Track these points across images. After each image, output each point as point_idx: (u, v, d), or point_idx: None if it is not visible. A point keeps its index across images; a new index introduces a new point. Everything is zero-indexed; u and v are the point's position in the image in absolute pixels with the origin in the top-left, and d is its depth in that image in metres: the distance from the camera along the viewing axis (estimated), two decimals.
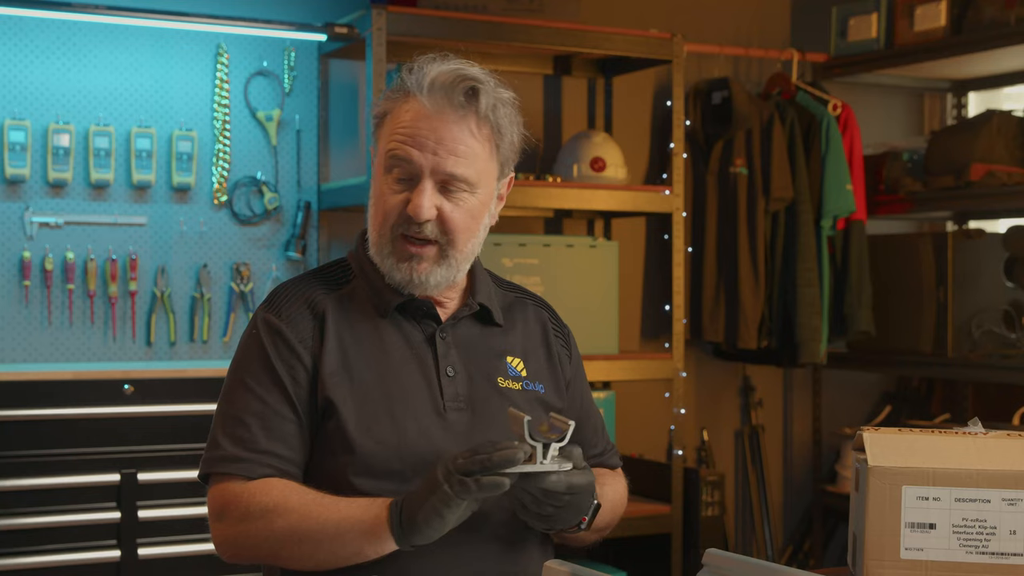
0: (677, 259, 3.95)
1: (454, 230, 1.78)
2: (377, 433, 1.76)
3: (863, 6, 4.46)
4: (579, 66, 4.21)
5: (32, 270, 3.50)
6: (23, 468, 3.11)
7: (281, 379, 1.78)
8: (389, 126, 1.80)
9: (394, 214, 1.78)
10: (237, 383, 1.80)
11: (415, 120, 1.76)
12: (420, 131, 1.75)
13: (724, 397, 4.60)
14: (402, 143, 1.76)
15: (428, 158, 1.75)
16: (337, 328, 1.81)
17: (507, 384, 1.87)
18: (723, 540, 4.06)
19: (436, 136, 1.75)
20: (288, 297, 1.85)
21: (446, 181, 1.77)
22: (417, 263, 1.79)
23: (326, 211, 3.81)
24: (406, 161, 1.76)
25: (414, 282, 1.80)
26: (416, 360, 1.83)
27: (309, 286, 1.86)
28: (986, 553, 1.67)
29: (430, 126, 1.75)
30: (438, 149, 1.75)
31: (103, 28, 3.58)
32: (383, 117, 1.82)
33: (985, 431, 1.75)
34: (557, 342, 1.99)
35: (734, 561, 1.62)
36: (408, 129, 1.76)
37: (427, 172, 1.75)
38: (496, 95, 1.80)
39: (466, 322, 1.89)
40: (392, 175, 1.78)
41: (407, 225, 1.77)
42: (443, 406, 1.81)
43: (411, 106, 1.77)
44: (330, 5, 3.81)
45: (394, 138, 1.77)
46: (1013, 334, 4.18)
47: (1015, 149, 4.23)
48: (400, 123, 1.77)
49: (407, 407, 1.79)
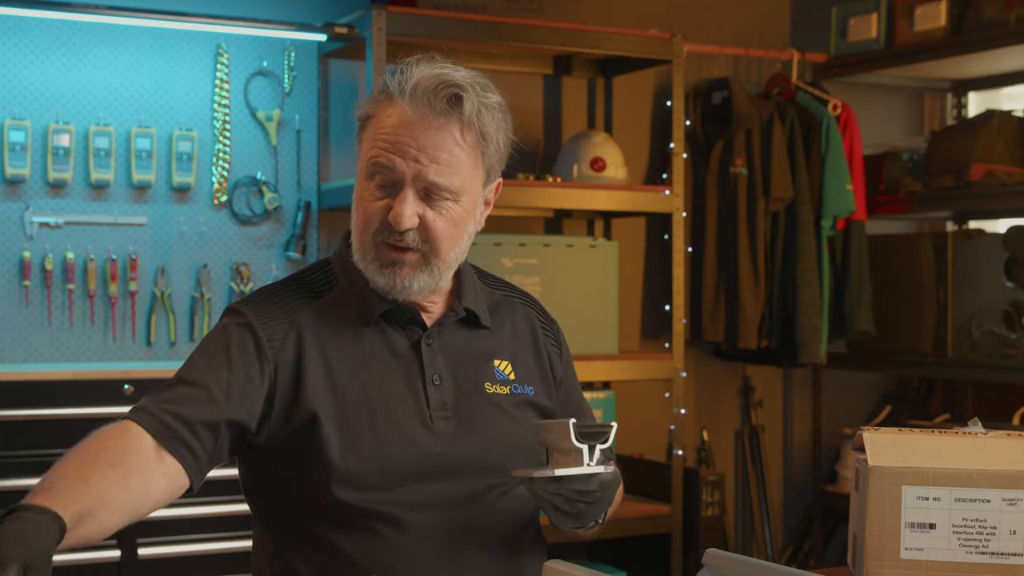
0: (677, 259, 3.95)
1: (436, 238, 1.75)
2: (360, 447, 1.73)
3: (863, 6, 4.46)
4: (579, 66, 4.21)
5: (32, 270, 3.50)
6: (23, 468, 3.11)
7: (231, 363, 1.71)
8: (372, 130, 1.76)
9: (375, 221, 1.74)
10: (188, 361, 1.76)
11: (397, 127, 1.72)
12: (401, 138, 1.71)
13: (724, 397, 4.60)
14: (384, 150, 1.72)
15: (410, 166, 1.71)
16: (319, 338, 1.77)
17: (494, 389, 1.85)
18: (723, 540, 4.06)
19: (418, 143, 1.71)
20: (266, 297, 1.81)
21: (428, 189, 1.73)
22: (399, 268, 1.75)
23: (326, 211, 3.81)
24: (387, 168, 1.72)
25: (396, 287, 1.76)
26: (401, 369, 1.80)
27: (289, 291, 1.82)
28: (986, 553, 1.67)
29: (411, 133, 1.71)
30: (420, 157, 1.71)
31: (103, 28, 3.58)
32: (366, 120, 1.78)
33: (985, 431, 1.75)
34: (547, 341, 1.96)
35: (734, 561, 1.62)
36: (390, 136, 1.72)
37: (409, 180, 1.72)
38: (481, 100, 1.75)
39: (452, 327, 1.86)
40: (374, 181, 1.74)
41: (388, 232, 1.74)
42: (429, 416, 1.78)
43: (393, 111, 1.73)
44: (330, 5, 3.82)
45: (376, 144, 1.73)
46: (1013, 334, 4.18)
47: (1015, 149, 4.23)
48: (382, 128, 1.74)
49: (391, 419, 1.76)
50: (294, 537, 1.78)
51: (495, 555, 1.80)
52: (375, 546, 1.73)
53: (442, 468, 1.77)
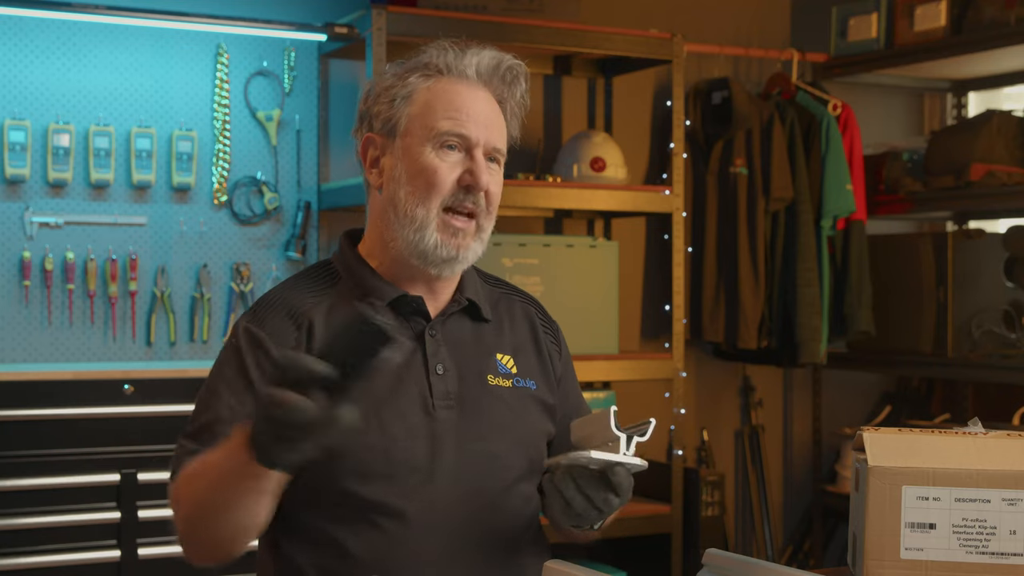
0: (677, 259, 3.95)
1: (493, 201, 1.85)
2: (364, 437, 1.74)
3: (863, 6, 4.46)
4: (579, 66, 4.21)
5: (32, 270, 3.50)
6: (23, 468, 3.11)
7: (254, 387, 1.75)
8: (425, 105, 1.83)
9: (448, 186, 1.81)
10: (211, 391, 1.79)
11: (463, 97, 1.83)
12: (472, 106, 1.83)
13: (724, 397, 4.61)
14: (456, 120, 1.82)
15: (482, 132, 1.82)
16: (324, 335, 1.79)
17: (497, 382, 1.87)
18: (723, 540, 4.07)
19: (485, 113, 1.84)
20: (271, 307, 1.83)
21: (489, 153, 1.84)
22: (462, 238, 1.82)
23: (326, 211, 3.81)
24: (463, 136, 1.81)
25: (456, 258, 1.82)
26: (405, 358, 1.81)
27: (293, 295, 1.85)
28: (986, 553, 1.67)
29: (477, 105, 1.83)
30: (489, 124, 1.83)
31: (103, 28, 3.58)
32: (407, 99, 1.84)
33: (985, 431, 1.75)
34: (546, 338, 1.99)
35: (734, 561, 1.62)
36: (458, 104, 1.82)
37: (480, 144, 1.82)
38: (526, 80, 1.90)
39: (455, 319, 1.89)
40: (443, 151, 1.82)
41: (464, 196, 1.82)
42: (432, 404, 1.80)
43: (449, 86, 1.84)
44: (330, 5, 3.82)
45: (448, 115, 1.82)
46: (1013, 334, 4.18)
47: (1015, 149, 4.23)
48: (445, 100, 1.83)
49: (395, 408, 1.78)
50: (297, 534, 1.79)
51: (496, 553, 1.81)
52: (377, 541, 1.74)
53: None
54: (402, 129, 1.84)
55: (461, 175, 1.81)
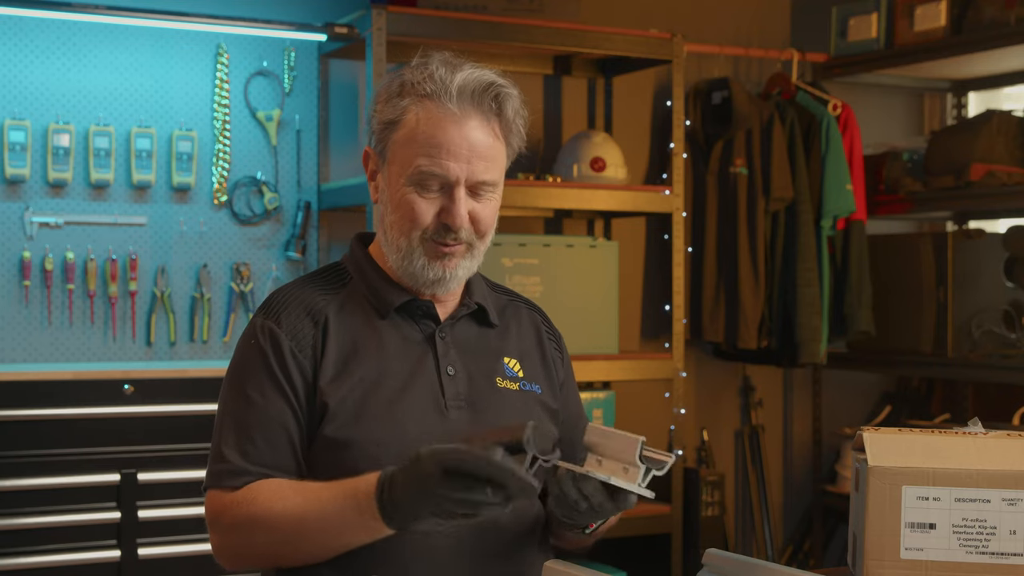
0: (677, 259, 3.95)
1: (483, 228, 1.83)
2: (378, 436, 1.76)
3: (863, 6, 4.46)
4: (579, 66, 4.21)
5: (32, 270, 3.50)
6: (23, 468, 3.11)
7: (283, 388, 1.78)
8: (407, 135, 1.79)
9: (426, 222, 1.79)
10: (238, 393, 1.80)
11: (445, 130, 1.77)
12: (452, 141, 1.77)
13: (724, 397, 4.60)
14: (434, 156, 1.77)
15: (463, 168, 1.77)
16: (338, 333, 1.82)
17: (505, 384, 1.89)
18: (723, 540, 4.06)
19: (468, 144, 1.77)
20: (287, 304, 1.84)
21: (476, 186, 1.80)
22: (449, 260, 1.82)
23: (326, 211, 3.81)
24: (440, 176, 1.77)
25: (445, 278, 1.82)
26: (416, 359, 1.84)
27: (307, 292, 1.87)
28: (986, 553, 1.67)
29: (461, 134, 1.77)
30: (471, 158, 1.77)
31: (103, 28, 3.58)
32: (394, 124, 1.81)
33: (985, 431, 1.75)
34: (550, 345, 2.01)
35: (734, 561, 1.63)
36: (439, 140, 1.77)
37: (461, 181, 1.78)
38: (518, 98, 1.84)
39: (464, 322, 1.91)
40: (422, 187, 1.79)
41: (443, 233, 1.79)
42: (444, 404, 1.82)
43: (432, 113, 1.78)
44: (330, 5, 3.82)
45: (426, 151, 1.77)
46: (1013, 334, 4.18)
47: (1015, 149, 4.23)
48: (425, 133, 1.77)
49: (408, 407, 1.80)
50: None
51: (502, 551, 1.82)
52: (385, 539, 1.74)
53: None
54: (389, 156, 1.83)
55: (440, 211, 1.79)
